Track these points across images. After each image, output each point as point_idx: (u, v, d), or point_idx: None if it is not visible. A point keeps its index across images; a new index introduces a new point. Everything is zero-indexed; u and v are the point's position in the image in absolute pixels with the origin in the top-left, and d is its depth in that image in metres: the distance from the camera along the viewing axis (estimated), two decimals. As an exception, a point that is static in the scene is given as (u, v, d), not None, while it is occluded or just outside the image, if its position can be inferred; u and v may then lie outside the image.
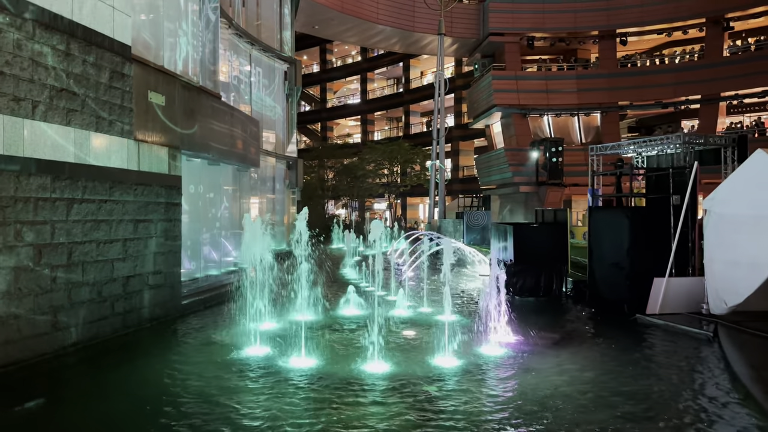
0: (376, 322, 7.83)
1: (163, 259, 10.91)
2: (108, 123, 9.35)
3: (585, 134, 34.53)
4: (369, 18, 33.83)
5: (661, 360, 8.11)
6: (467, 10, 35.14)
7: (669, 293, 10.59)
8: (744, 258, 9.32)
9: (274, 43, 25.43)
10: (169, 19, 12.09)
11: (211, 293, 13.04)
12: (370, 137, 59.66)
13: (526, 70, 35.27)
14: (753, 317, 9.72)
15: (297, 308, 10.56)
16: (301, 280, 9.80)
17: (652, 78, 32.90)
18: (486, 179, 36.03)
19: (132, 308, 9.97)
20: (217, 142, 13.43)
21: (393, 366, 7.60)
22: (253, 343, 8.79)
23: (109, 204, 9.38)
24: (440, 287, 15.19)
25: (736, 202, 9.53)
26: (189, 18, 13.01)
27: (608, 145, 16.38)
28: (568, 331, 10.10)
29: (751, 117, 32.53)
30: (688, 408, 6.18)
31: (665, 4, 32.33)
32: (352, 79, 63.12)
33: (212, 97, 13.34)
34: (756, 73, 29.10)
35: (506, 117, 34.47)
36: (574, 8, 34.41)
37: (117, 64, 9.60)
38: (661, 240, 11.70)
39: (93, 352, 8.60)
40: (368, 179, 46.27)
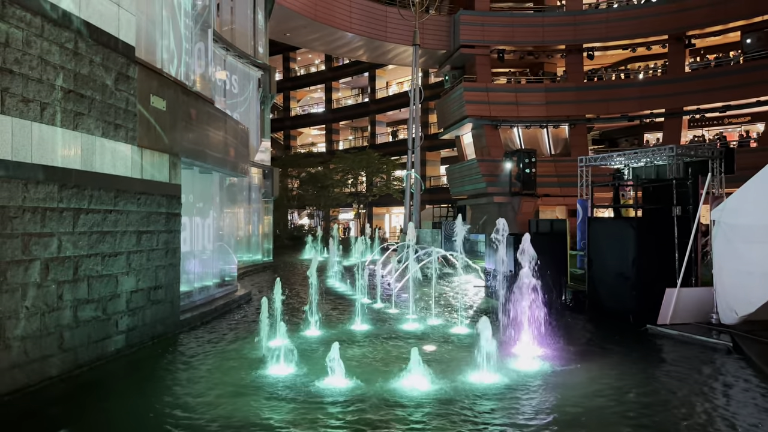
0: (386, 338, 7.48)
1: (164, 273, 10.32)
2: (114, 128, 8.77)
3: (554, 146, 35.19)
4: (342, 27, 33.63)
5: (693, 374, 8.05)
6: (438, 22, 35.38)
7: (679, 303, 10.68)
8: (758, 268, 9.47)
9: (248, 49, 24.89)
10: (165, 21, 11.54)
11: (206, 308, 12.45)
12: (335, 146, 59.28)
13: (496, 83, 35.73)
14: (764, 326, 9.90)
15: (302, 323, 10.11)
16: (298, 293, 9.43)
17: (618, 92, 33.85)
18: (458, 189, 36.20)
19: (135, 326, 9.35)
20: (213, 149, 12.89)
21: (431, 383, 7.30)
22: (268, 362, 8.29)
23: (114, 214, 8.78)
24: (438, 299, 15.04)
25: (749, 213, 9.70)
26: (182, 20, 12.47)
27: (598, 156, 16.65)
28: (586, 343, 10.04)
29: (710, 131, 33.85)
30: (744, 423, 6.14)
31: (629, 20, 33.40)
32: (316, 88, 62.69)
33: (207, 103, 12.80)
34: (716, 89, 30.31)
35: (477, 128, 34.79)
36: (542, 22, 35.15)
37: (122, 66, 9.04)
38: (664, 250, 11.86)
39: (99, 375, 7.97)
40: (336, 189, 45.87)
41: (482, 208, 32.58)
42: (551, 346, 9.12)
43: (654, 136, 35.45)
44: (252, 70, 25.71)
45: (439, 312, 13.00)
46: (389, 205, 51.74)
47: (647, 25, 32.83)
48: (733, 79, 29.82)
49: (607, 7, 35.36)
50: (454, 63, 36.98)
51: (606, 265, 12.75)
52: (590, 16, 34.65)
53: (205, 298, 13.12)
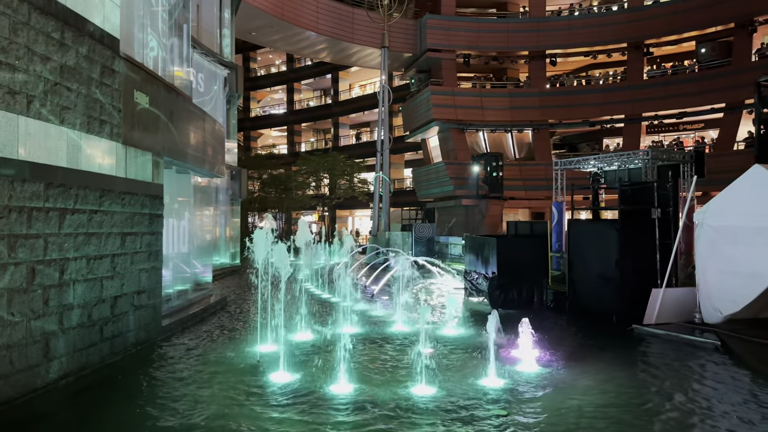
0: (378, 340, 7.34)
1: (147, 277, 9.86)
2: (99, 123, 8.31)
3: (518, 150, 35.75)
4: (308, 27, 33.27)
5: (688, 373, 8.20)
6: (404, 26, 35.42)
7: (664, 303, 10.91)
8: (742, 268, 9.77)
9: (214, 47, 24.29)
10: (144, 13, 11.06)
11: (186, 313, 12.00)
12: (297, 148, 58.63)
13: (462, 87, 36.05)
14: (745, 324, 10.21)
15: (286, 327, 9.80)
16: (275, 296, 9.24)
17: (579, 98, 34.66)
18: (424, 192, 36.31)
19: (119, 332, 8.89)
20: (193, 148, 12.45)
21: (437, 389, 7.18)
22: (262, 369, 8.00)
23: (99, 215, 8.32)
24: (421, 301, 14.94)
25: (733, 215, 10.00)
26: (160, 13, 12.00)
27: (573, 160, 16.91)
28: (575, 344, 10.08)
29: (666, 137, 35.02)
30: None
31: (590, 28, 34.28)
32: (278, 88, 61.88)
33: (188, 101, 12.36)
34: (673, 96, 31.41)
35: (444, 131, 35.00)
36: (507, 28, 35.69)
37: (107, 59, 8.59)
38: (646, 251, 12.11)
39: (87, 384, 7.52)
40: (299, 191, 45.31)
41: (450, 211, 32.77)
42: (545, 348, 9.11)
43: (613, 141, 36.49)
44: (218, 68, 25.09)
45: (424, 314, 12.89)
46: (353, 207, 51.51)
47: (607, 33, 33.76)
48: (688, 87, 30.97)
49: (569, 15, 36.19)
50: (420, 66, 37.12)
51: (587, 267, 12.93)
52: (553, 23, 35.40)
53: (184, 303, 12.65)
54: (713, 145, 30.29)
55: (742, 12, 28.83)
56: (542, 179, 33.22)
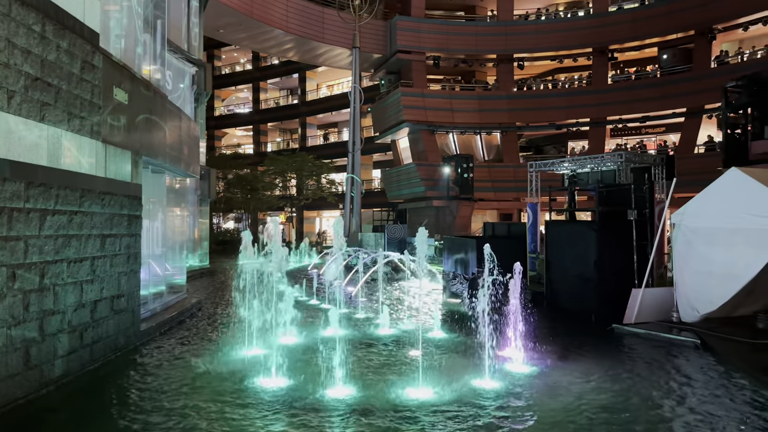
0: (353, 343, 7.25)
1: (126, 280, 9.53)
2: (79, 121, 7.98)
3: (487, 152, 36.15)
4: (278, 25, 32.87)
5: (674, 371, 8.38)
6: (374, 26, 35.38)
7: (643, 303, 11.16)
8: (718, 269, 10.07)
9: (182, 43, 23.75)
10: (120, 10, 10.71)
11: (163, 317, 11.65)
12: (263, 148, 57.89)
13: (431, 89, 36.22)
14: (720, 323, 10.53)
15: (267, 331, 9.60)
16: (257, 298, 9.12)
17: (546, 101, 35.27)
18: (395, 193, 36.33)
19: (99, 338, 8.55)
20: (170, 147, 12.11)
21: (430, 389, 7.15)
22: (248, 374, 7.84)
23: (79, 216, 7.99)
24: (402, 302, 14.88)
25: (710, 217, 10.30)
26: (134, 7, 11.63)
27: (548, 162, 17.15)
28: (559, 344, 10.17)
29: (629, 141, 35.93)
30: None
31: (557, 32, 34.93)
32: (243, 87, 60.99)
33: (165, 98, 12.02)
34: (636, 100, 32.27)
35: (414, 133, 35.10)
36: (475, 31, 36.06)
37: (87, 54, 8.26)
38: (623, 252, 12.37)
39: (68, 393, 7.19)
40: (267, 191, 44.70)
41: (421, 212, 32.87)
42: (528, 349, 9.13)
43: (578, 144, 37.23)
44: (186, 65, 24.53)
45: (407, 315, 12.88)
46: (321, 208, 51.11)
47: (573, 38, 34.45)
48: (651, 92, 31.87)
49: (536, 19, 36.79)
50: (389, 68, 37.13)
51: (566, 267, 13.13)
52: (520, 27, 35.92)
53: (160, 307, 12.28)
54: (675, 149, 31.21)
55: (701, 20, 29.82)
56: (510, 181, 33.70)
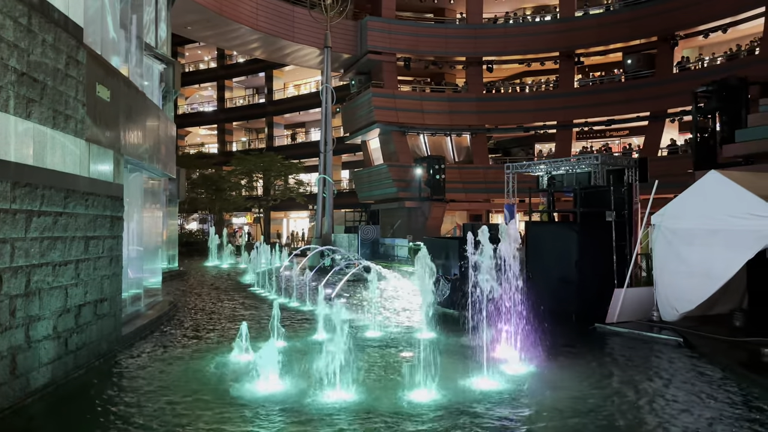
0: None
1: (109, 284, 9.22)
2: (64, 119, 7.68)
3: (457, 153, 36.45)
4: (248, 23, 32.42)
5: (663, 370, 8.61)
6: (345, 26, 35.24)
7: (625, 303, 11.40)
8: (698, 269, 10.36)
9: (150, 40, 23.18)
10: (98, 4, 10.35)
11: (142, 321, 11.32)
12: (228, 147, 56.99)
13: (402, 90, 36.31)
14: (698, 321, 10.86)
15: (250, 333, 9.35)
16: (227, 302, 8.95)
17: (515, 104, 35.81)
18: (366, 194, 36.26)
19: (83, 344, 8.24)
20: (149, 146, 11.79)
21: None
22: (239, 379, 7.68)
23: (64, 217, 7.68)
24: (381, 305, 14.83)
25: (689, 218, 10.59)
26: (111, 2, 11.27)
27: (524, 164, 17.39)
28: (547, 344, 10.29)
29: (594, 143, 36.82)
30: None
31: (525, 36, 35.50)
32: (207, 85, 59.95)
33: (144, 95, 11.69)
34: (602, 104, 33.08)
35: (385, 134, 35.11)
36: (445, 34, 36.33)
37: (72, 49, 7.96)
38: (602, 253, 12.62)
39: (54, 403, 6.90)
40: (233, 192, 43.99)
41: (393, 213, 32.92)
42: (516, 349, 9.19)
43: (545, 147, 37.90)
44: (154, 63, 23.94)
45: (390, 318, 12.85)
46: (288, 209, 50.63)
47: (540, 42, 35.07)
48: (616, 95, 32.73)
49: (505, 23, 37.30)
50: (360, 68, 37.06)
51: (546, 267, 13.29)
52: (489, 30, 36.36)
53: (138, 310, 11.93)
54: (639, 151, 32.09)
55: (664, 27, 30.77)
56: (481, 182, 34.09)
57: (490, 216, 37.90)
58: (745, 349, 9.08)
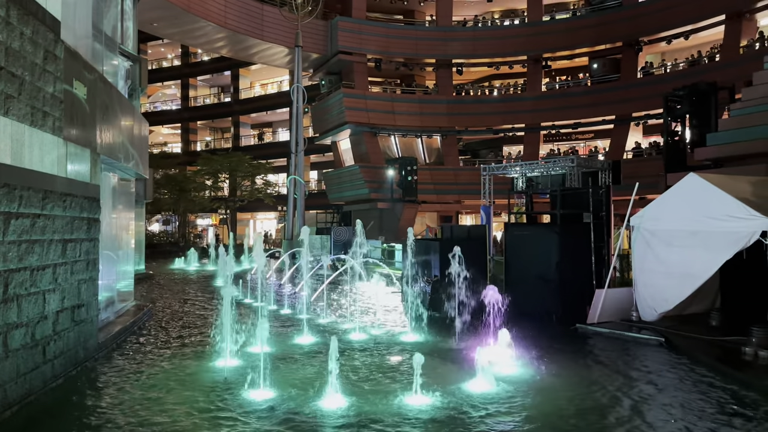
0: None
1: (85, 288, 8.84)
2: (42, 116, 7.31)
3: (428, 155, 36.54)
4: (216, 21, 31.79)
5: (649, 369, 8.74)
6: (315, 26, 34.92)
7: (605, 303, 11.57)
8: (676, 269, 10.58)
9: (116, 36, 22.49)
10: None
11: (118, 326, 10.93)
12: (192, 147, 55.86)
13: (373, 91, 36.21)
14: (676, 321, 11.10)
15: (229, 339, 9.12)
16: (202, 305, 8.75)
17: (484, 106, 36.12)
18: (337, 195, 36.01)
19: (61, 352, 7.87)
20: (124, 145, 11.39)
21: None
22: (228, 384, 7.48)
23: (42, 220, 7.31)
24: (360, 307, 14.68)
25: (668, 220, 10.81)
26: None
27: (500, 166, 17.53)
28: (531, 345, 10.36)
29: (561, 146, 37.42)
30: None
31: (494, 39, 35.85)
32: (171, 83, 58.62)
33: (119, 93, 11.28)
34: (569, 107, 33.64)
35: (356, 134, 34.95)
36: (416, 35, 36.39)
37: (50, 43, 7.60)
38: (581, 254, 12.79)
39: (34, 414, 6.57)
40: (199, 192, 43.09)
41: (365, 214, 32.73)
42: (504, 351, 9.20)
43: (513, 149, 38.32)
44: (120, 59, 23.24)
45: (373, 320, 12.74)
46: (255, 210, 49.90)
47: (509, 46, 35.46)
48: (582, 99, 33.33)
49: (474, 26, 37.60)
50: (330, 68, 36.79)
51: (526, 269, 13.39)
52: (459, 33, 36.59)
53: (113, 315, 11.51)
54: (605, 154, 32.78)
55: (628, 32, 31.50)
56: (452, 183, 34.27)
57: (460, 217, 38.17)
58: (725, 348, 9.31)
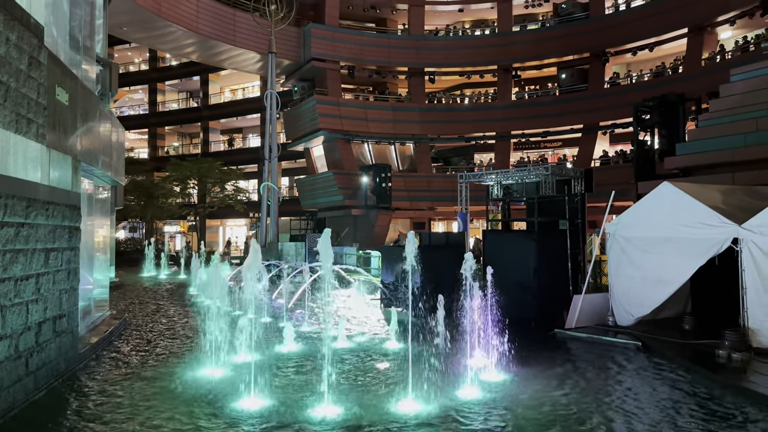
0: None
1: (67, 299, 8.66)
2: (26, 123, 7.17)
3: (401, 162, 36.76)
4: (187, 26, 31.43)
5: (629, 372, 9.02)
6: (287, 33, 34.82)
7: (583, 308, 11.85)
8: (651, 275, 10.93)
9: (88, 41, 22.08)
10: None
11: (96, 337, 10.71)
12: (159, 153, 54.96)
13: (346, 98, 36.29)
14: (651, 325, 11.43)
15: (211, 348, 9.03)
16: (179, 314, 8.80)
17: (456, 114, 36.57)
18: (310, 202, 35.88)
19: (43, 364, 7.69)
20: (102, 152, 11.20)
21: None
22: (218, 396, 7.42)
23: (26, 229, 7.15)
24: (341, 314, 14.69)
25: (643, 227, 11.16)
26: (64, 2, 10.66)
27: (478, 174, 17.77)
28: (513, 351, 10.53)
29: (531, 154, 38.15)
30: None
31: (465, 49, 36.39)
32: (138, 88, 57.58)
33: (98, 99, 11.10)
34: (538, 116, 34.32)
35: (330, 141, 34.94)
36: (389, 44, 36.65)
37: (34, 48, 7.46)
38: (558, 260, 13.10)
39: (20, 428, 6.40)
40: (168, 199, 42.37)
41: (340, 221, 32.73)
42: (484, 357, 9.33)
43: (484, 157, 38.86)
44: (91, 63, 22.81)
45: (352, 327, 12.77)
46: (225, 217, 49.32)
47: (480, 55, 36.03)
48: (551, 108, 34.06)
49: (446, 36, 38.08)
50: (303, 75, 36.74)
51: (504, 275, 13.57)
52: (431, 42, 37.01)
53: (90, 325, 11.26)
54: (573, 162, 33.53)
55: (595, 44, 32.38)
56: (425, 190, 34.56)
57: (432, 224, 38.46)
58: (700, 351, 9.64)
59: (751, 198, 11.00)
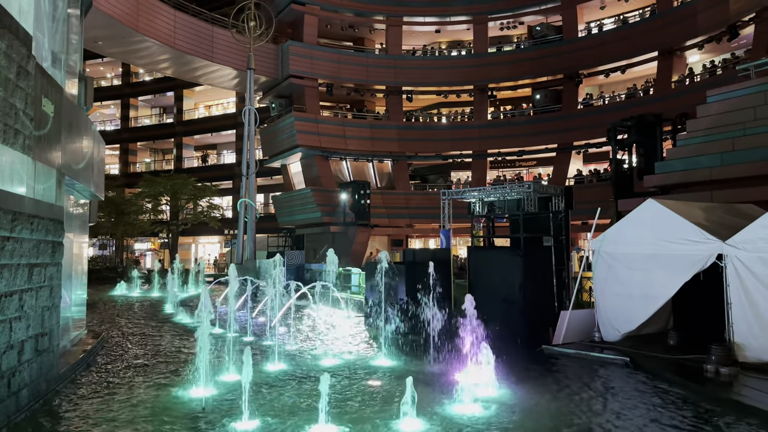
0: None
1: (48, 316, 8.34)
2: (14, 133, 6.95)
3: (380, 179, 36.79)
4: (164, 41, 31.12)
5: (624, 389, 9.07)
6: (266, 50, 34.79)
7: (570, 324, 11.91)
8: (637, 290, 11.07)
9: (66, 54, 21.68)
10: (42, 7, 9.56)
11: (76, 356, 10.34)
12: (131, 168, 54.03)
13: (324, 115, 36.30)
14: (637, 341, 11.54)
15: (196, 368, 8.79)
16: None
17: (433, 133, 36.86)
18: (287, 218, 35.56)
19: (25, 384, 7.37)
20: (84, 166, 10.92)
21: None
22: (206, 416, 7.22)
23: (11, 243, 6.90)
24: (325, 332, 14.51)
25: (628, 243, 11.32)
26: (48, 14, 10.45)
27: (461, 191, 17.86)
28: (503, 367, 10.51)
29: (506, 172, 38.58)
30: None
31: (442, 69, 36.81)
32: (110, 103, 56.70)
33: (82, 112, 10.85)
34: (513, 135, 34.82)
35: (307, 158, 34.80)
36: (366, 63, 36.86)
37: (23, 58, 7.27)
38: (542, 277, 13.17)
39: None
40: (141, 216, 41.54)
41: (318, 238, 32.48)
42: (473, 373, 9.26)
43: (462, 174, 39.15)
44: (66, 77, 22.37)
45: (341, 344, 12.60)
46: (198, 234, 48.56)
47: (456, 75, 36.47)
48: (526, 128, 34.60)
49: (423, 55, 38.51)
50: (280, 92, 36.65)
51: (490, 291, 13.63)
52: (408, 62, 37.35)
53: (69, 344, 10.87)
54: (548, 181, 34.00)
55: (569, 65, 33.10)
56: (403, 207, 34.61)
57: (410, 241, 38.49)
58: (687, 366, 9.75)
59: (731, 215, 11.27)
